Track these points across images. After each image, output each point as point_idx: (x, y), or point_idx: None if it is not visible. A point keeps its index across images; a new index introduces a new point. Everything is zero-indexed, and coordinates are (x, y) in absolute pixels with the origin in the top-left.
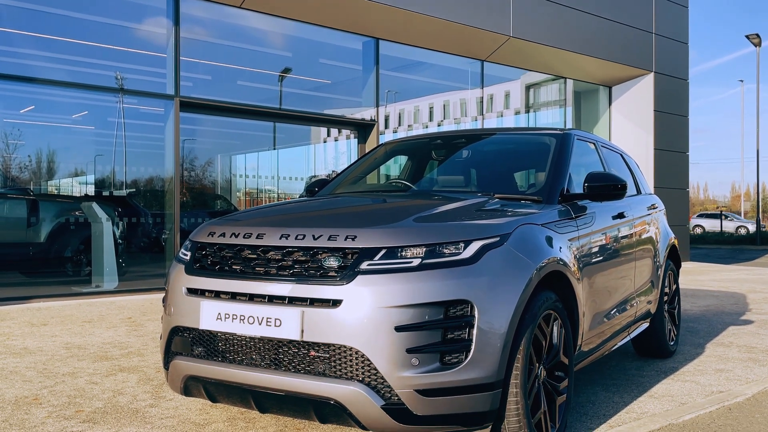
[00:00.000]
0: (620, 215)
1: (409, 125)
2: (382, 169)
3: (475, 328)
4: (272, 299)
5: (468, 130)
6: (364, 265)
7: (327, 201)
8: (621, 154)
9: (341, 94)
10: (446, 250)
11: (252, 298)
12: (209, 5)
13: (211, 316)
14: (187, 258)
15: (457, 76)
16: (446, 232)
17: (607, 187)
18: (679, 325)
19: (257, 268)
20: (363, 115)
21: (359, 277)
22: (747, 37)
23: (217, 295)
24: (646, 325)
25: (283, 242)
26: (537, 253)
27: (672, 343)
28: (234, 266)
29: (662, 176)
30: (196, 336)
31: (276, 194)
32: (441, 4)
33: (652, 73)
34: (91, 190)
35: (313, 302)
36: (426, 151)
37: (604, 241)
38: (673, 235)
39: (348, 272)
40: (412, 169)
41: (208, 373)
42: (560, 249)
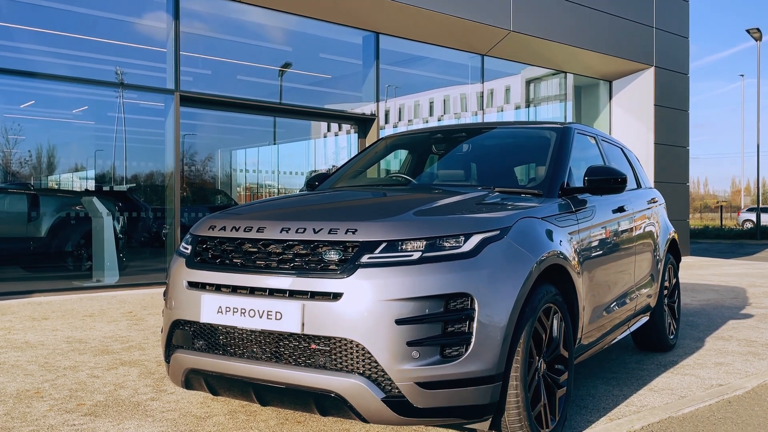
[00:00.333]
0: (620, 209)
1: (409, 120)
2: (383, 163)
3: (476, 321)
4: (273, 292)
5: (468, 124)
6: (365, 259)
7: (327, 195)
8: (621, 148)
9: (341, 89)
10: (446, 244)
11: (253, 292)
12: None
13: (212, 310)
14: (188, 252)
15: (458, 71)
16: (446, 226)
17: (607, 181)
18: (679, 319)
19: (258, 262)
20: (363, 109)
21: (360, 271)
22: (748, 31)
23: (218, 288)
24: (646, 319)
25: (284, 236)
26: (537, 247)
27: (672, 337)
28: (235, 260)
29: (662, 171)
30: (197, 329)
31: (276, 189)
32: None
33: (653, 67)
34: (92, 185)
35: (313, 295)
36: (426, 145)
37: (604, 235)
38: (673, 229)
39: (348, 265)
40: (413, 163)
41: (209, 366)
42: (560, 242)
